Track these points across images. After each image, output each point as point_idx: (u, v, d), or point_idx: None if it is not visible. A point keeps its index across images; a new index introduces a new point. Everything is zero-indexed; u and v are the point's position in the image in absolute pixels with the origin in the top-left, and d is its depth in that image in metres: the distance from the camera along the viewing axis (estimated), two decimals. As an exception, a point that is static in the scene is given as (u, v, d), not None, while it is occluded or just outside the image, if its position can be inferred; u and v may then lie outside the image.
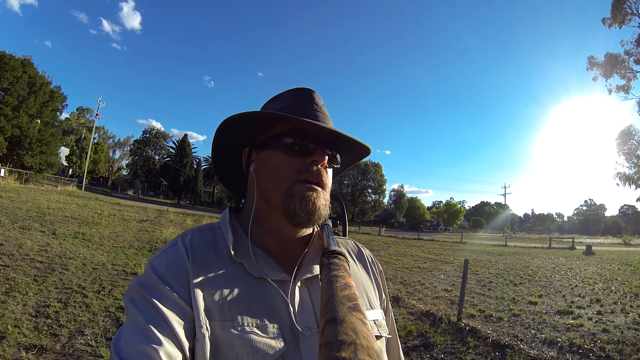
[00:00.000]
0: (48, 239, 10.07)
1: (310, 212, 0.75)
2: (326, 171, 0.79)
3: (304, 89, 0.86)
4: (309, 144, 0.77)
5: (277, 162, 0.77)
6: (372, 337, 0.50)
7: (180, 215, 24.31)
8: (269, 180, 0.78)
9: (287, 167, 0.76)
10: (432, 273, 12.57)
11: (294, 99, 0.83)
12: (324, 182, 0.78)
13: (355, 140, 0.82)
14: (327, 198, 0.79)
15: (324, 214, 0.77)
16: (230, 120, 0.78)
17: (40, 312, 5.11)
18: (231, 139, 0.85)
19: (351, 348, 0.46)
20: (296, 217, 0.75)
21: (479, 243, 34.61)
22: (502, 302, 8.35)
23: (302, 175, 0.76)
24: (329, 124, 0.81)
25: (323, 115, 0.82)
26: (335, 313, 0.52)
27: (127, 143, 77.18)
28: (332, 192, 0.85)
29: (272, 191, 0.77)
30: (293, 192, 0.75)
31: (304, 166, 0.76)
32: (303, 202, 0.74)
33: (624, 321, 7.12)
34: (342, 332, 0.49)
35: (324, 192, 0.78)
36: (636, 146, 19.22)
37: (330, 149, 0.80)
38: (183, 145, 60.82)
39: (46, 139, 33.89)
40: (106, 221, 15.47)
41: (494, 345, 5.56)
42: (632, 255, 23.73)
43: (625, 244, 42.61)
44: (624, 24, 18.21)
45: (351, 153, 0.91)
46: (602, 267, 16.35)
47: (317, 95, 0.85)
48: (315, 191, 0.76)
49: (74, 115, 67.97)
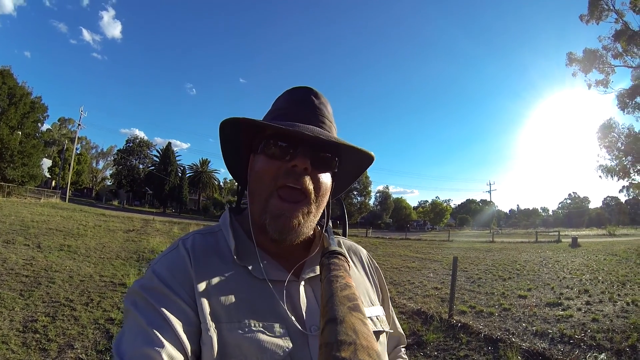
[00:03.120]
0: (33, 252, 9.87)
1: (282, 232, 0.72)
2: (313, 177, 0.75)
3: (300, 88, 0.85)
4: (289, 147, 0.74)
5: (261, 165, 0.76)
6: (372, 337, 0.50)
7: (167, 224, 24.10)
8: (255, 184, 0.77)
9: (268, 171, 0.74)
10: (421, 272, 12.62)
11: (289, 100, 0.83)
12: (307, 189, 0.74)
13: (349, 146, 0.77)
14: (312, 210, 0.75)
15: (303, 231, 0.75)
16: (226, 127, 0.79)
17: (27, 327, 5.00)
18: (237, 146, 0.85)
19: (351, 348, 0.46)
20: (269, 233, 0.73)
21: (466, 240, 34.90)
22: (492, 298, 8.43)
23: (279, 181, 0.73)
24: (325, 126, 0.80)
25: (317, 116, 0.80)
26: (335, 313, 0.52)
27: (111, 153, 76.32)
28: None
29: (256, 197, 0.76)
30: (267, 208, 0.73)
31: (283, 170, 0.73)
32: (276, 220, 0.72)
33: (613, 310, 7.24)
34: (342, 332, 0.49)
35: (306, 205, 0.74)
36: (617, 139, 19.57)
37: (317, 151, 0.76)
38: (167, 154, 60.50)
39: (28, 151, 33.13)
40: (92, 232, 15.25)
41: (486, 340, 5.60)
42: (617, 245, 24.12)
43: (610, 235, 43.25)
44: (601, 20, 18.58)
45: (352, 159, 0.86)
46: (589, 259, 16.59)
47: (314, 95, 0.83)
48: (290, 210, 0.72)
49: (55, 126, 67.10)
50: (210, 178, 71.77)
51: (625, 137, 19.12)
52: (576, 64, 19.75)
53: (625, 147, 19.29)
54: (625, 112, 18.95)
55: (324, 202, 0.80)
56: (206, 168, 71.45)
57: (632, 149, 18.68)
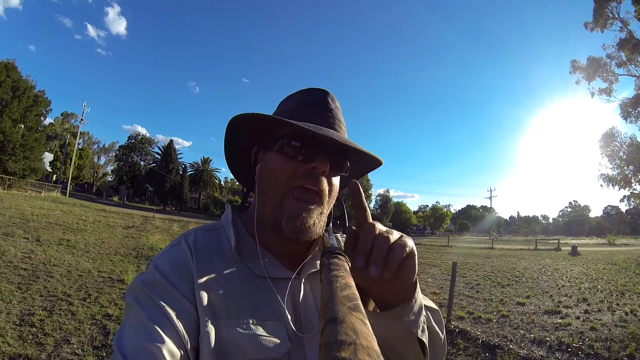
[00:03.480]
0: (32, 245, 9.89)
1: (298, 232, 0.73)
2: (328, 179, 0.76)
3: (317, 90, 0.84)
4: (310, 150, 0.74)
5: (276, 164, 0.76)
6: (372, 337, 0.49)
7: (167, 221, 24.11)
8: (268, 183, 0.76)
9: (285, 170, 0.74)
10: (420, 277, 12.59)
11: (306, 101, 0.82)
12: (323, 190, 0.75)
13: (362, 151, 0.78)
14: (324, 211, 0.77)
15: (316, 231, 0.75)
16: (237, 120, 0.77)
17: (24, 320, 5.01)
18: (241, 139, 0.84)
19: (351, 348, 0.44)
20: (282, 232, 0.73)
21: (466, 246, 34.86)
22: (490, 304, 8.42)
23: (297, 182, 0.73)
24: (340, 130, 0.80)
25: (333, 120, 0.80)
26: (335, 313, 0.51)
27: (112, 149, 76.37)
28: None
29: (268, 195, 0.76)
30: (283, 208, 0.73)
31: (302, 172, 0.74)
32: (293, 220, 0.72)
33: (611, 319, 7.23)
34: (342, 332, 0.47)
35: (319, 206, 0.75)
36: (619, 148, 19.57)
37: (334, 155, 0.77)
38: (169, 151, 60.54)
39: (30, 144, 33.26)
40: (91, 227, 15.27)
41: (483, 346, 5.60)
42: (617, 254, 24.13)
43: (610, 244, 43.31)
44: (606, 28, 18.61)
45: (361, 163, 0.88)
46: (588, 267, 16.60)
47: (331, 98, 0.82)
48: (307, 210, 0.73)
49: (58, 121, 67.17)
50: (211, 177, 71.74)
51: (628, 146, 19.12)
52: (580, 72, 19.77)
53: (627, 157, 19.30)
54: (627, 121, 18.96)
55: (332, 203, 0.81)
56: (207, 167, 71.42)
57: (634, 158, 18.68)
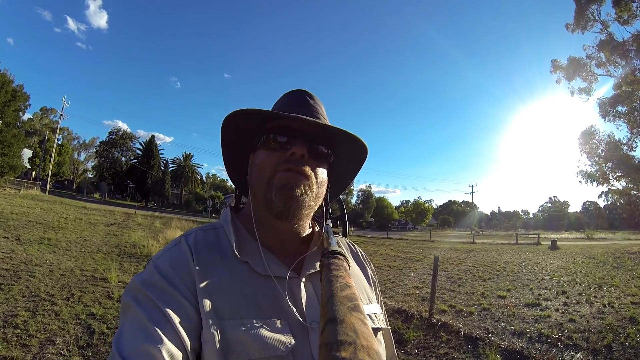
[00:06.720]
0: (12, 245, 9.71)
1: (287, 200, 0.74)
2: (311, 165, 0.78)
3: (296, 90, 0.88)
4: (287, 137, 0.78)
5: (261, 158, 0.79)
6: (372, 337, 0.51)
7: (149, 217, 23.88)
8: (256, 177, 0.79)
9: (269, 161, 0.77)
10: (402, 271, 12.72)
11: (287, 101, 0.86)
12: (305, 170, 0.77)
13: (335, 129, 0.80)
14: (313, 190, 0.78)
15: (305, 203, 0.77)
16: (225, 127, 0.81)
17: (7, 322, 4.93)
18: (237, 148, 0.87)
19: (351, 348, 0.46)
20: (274, 207, 0.74)
21: (448, 241, 35.12)
22: (472, 297, 8.56)
23: (280, 167, 0.76)
24: (319, 120, 0.82)
25: (313, 112, 0.83)
26: (335, 313, 0.53)
27: (93, 144, 74.85)
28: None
29: (257, 186, 0.78)
30: (272, 182, 0.75)
31: (283, 159, 0.76)
32: (280, 190, 0.74)
33: (589, 311, 7.40)
34: (342, 332, 0.49)
35: (308, 182, 0.77)
36: (597, 145, 20.01)
37: (312, 141, 0.79)
38: (150, 147, 59.63)
39: (8, 140, 32.34)
40: (72, 225, 15.03)
41: (465, 339, 5.70)
42: (595, 248, 24.52)
43: (588, 239, 44.00)
44: (587, 29, 18.98)
45: (346, 155, 0.90)
46: (567, 261, 16.86)
47: (309, 96, 0.87)
48: (295, 179, 0.75)
49: (37, 116, 65.44)
50: (193, 172, 70.79)
51: (606, 144, 19.57)
52: (560, 71, 20.14)
53: (606, 154, 19.74)
54: (606, 120, 19.39)
55: (321, 192, 0.82)
56: (189, 162, 70.47)
57: (612, 155, 19.12)
